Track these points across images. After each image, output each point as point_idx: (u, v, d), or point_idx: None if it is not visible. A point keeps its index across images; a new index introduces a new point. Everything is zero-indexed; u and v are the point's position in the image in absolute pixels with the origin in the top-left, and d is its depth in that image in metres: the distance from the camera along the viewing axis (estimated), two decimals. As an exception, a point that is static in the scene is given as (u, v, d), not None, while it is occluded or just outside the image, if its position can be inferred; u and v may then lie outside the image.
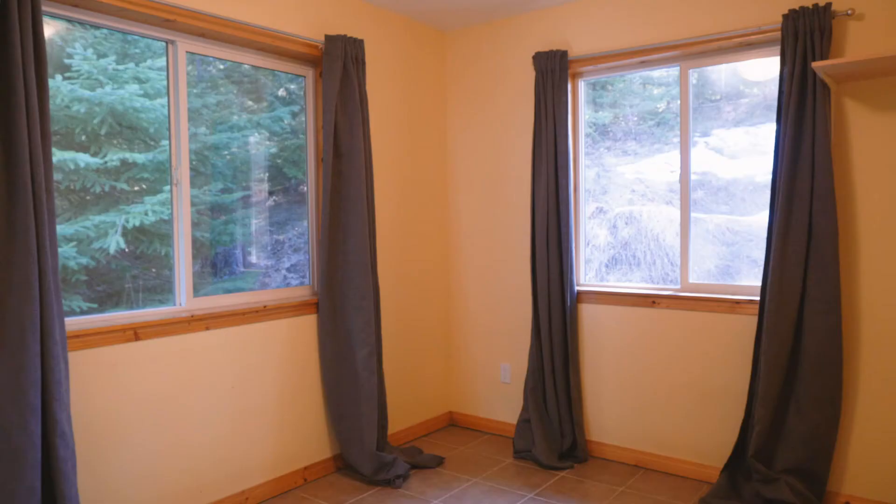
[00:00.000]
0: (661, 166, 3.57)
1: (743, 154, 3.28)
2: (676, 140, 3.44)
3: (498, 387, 4.08)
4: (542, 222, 3.62)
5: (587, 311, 3.68)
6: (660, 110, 3.57)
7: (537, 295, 3.65)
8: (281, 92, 3.55)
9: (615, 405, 3.60)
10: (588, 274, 3.78)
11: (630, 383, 3.54)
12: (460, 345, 4.25)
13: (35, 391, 2.16)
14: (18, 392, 2.13)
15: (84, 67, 2.78)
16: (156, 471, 2.71)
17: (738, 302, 3.17)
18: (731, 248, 3.34)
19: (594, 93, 3.77)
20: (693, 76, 3.38)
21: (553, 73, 3.58)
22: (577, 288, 3.70)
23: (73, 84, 2.75)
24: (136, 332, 2.65)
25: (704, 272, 3.38)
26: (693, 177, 3.39)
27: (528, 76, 3.85)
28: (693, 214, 3.40)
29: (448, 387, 4.31)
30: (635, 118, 3.65)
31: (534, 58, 3.64)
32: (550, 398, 3.65)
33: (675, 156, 3.46)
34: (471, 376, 4.21)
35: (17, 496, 2.11)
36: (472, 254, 4.17)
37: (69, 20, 2.59)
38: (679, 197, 3.43)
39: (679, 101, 3.41)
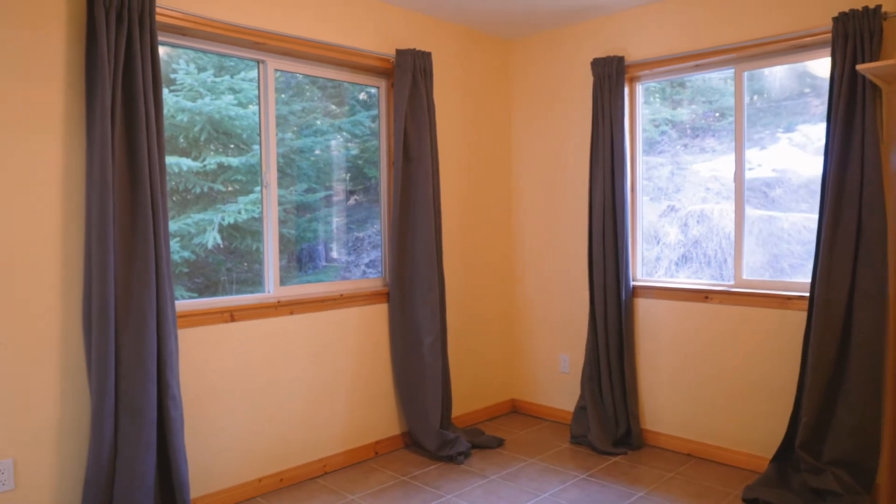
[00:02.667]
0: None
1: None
2: (757, 136, 3.46)
3: (557, 376, 4.30)
4: (599, 221, 3.80)
5: (642, 306, 3.84)
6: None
7: (594, 289, 3.85)
8: (362, 96, 3.88)
9: (669, 395, 3.75)
10: (658, 271, 3.92)
11: (683, 375, 3.68)
12: (522, 336, 4.50)
13: (152, 361, 2.59)
14: (140, 361, 2.56)
15: (187, 81, 3.20)
16: (247, 433, 3.12)
17: (789, 298, 3.26)
18: (806, 246, 3.35)
19: (671, 90, 3.88)
20: (764, 73, 3.47)
21: (610, 78, 3.76)
22: (632, 283, 3.87)
23: (177, 96, 3.17)
24: (232, 315, 3.06)
25: (778, 270, 3.40)
26: (771, 174, 3.42)
27: (587, 81, 4.05)
28: (768, 213, 3.46)
29: (510, 375, 4.56)
30: (716, 114, 3.68)
31: (592, 64, 3.83)
32: (606, 387, 3.83)
33: (754, 153, 3.47)
34: (532, 366, 4.44)
35: (139, 446, 2.55)
36: (532, 250, 4.40)
37: (177, 46, 3.03)
38: (743, 195, 3.49)
39: (745, 100, 3.52)
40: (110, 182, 2.48)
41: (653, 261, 3.96)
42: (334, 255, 3.84)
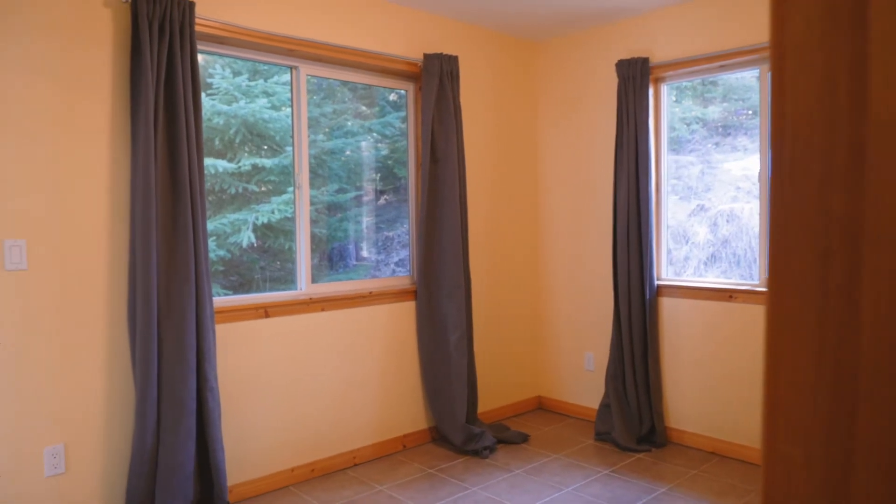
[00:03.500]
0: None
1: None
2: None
3: (582, 374, 4.36)
4: (624, 220, 3.85)
5: (667, 305, 3.87)
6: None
7: (618, 288, 3.90)
8: (392, 97, 3.99)
9: (693, 394, 3.78)
10: (687, 271, 3.95)
11: (707, 373, 3.71)
12: (547, 334, 4.56)
13: (192, 354, 2.73)
14: (180, 354, 2.71)
15: (222, 85, 3.34)
16: (280, 425, 3.25)
17: (813, 297, 3.26)
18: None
19: (702, 88, 3.89)
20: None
21: (634, 79, 3.80)
22: (656, 282, 3.90)
23: (213, 100, 3.31)
24: (266, 311, 3.20)
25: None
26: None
27: (612, 82, 4.09)
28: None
29: (536, 373, 4.63)
30: (749, 112, 3.67)
31: (617, 65, 3.88)
32: (630, 385, 3.88)
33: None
34: (557, 363, 4.51)
35: (180, 434, 2.69)
36: (558, 250, 4.46)
37: (215, 54, 3.17)
38: (769, 194, 3.51)
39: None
40: (153, 185, 2.62)
41: (681, 260, 3.98)
42: (364, 253, 3.94)
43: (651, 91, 3.86)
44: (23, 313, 2.49)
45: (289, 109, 3.45)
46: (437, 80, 3.71)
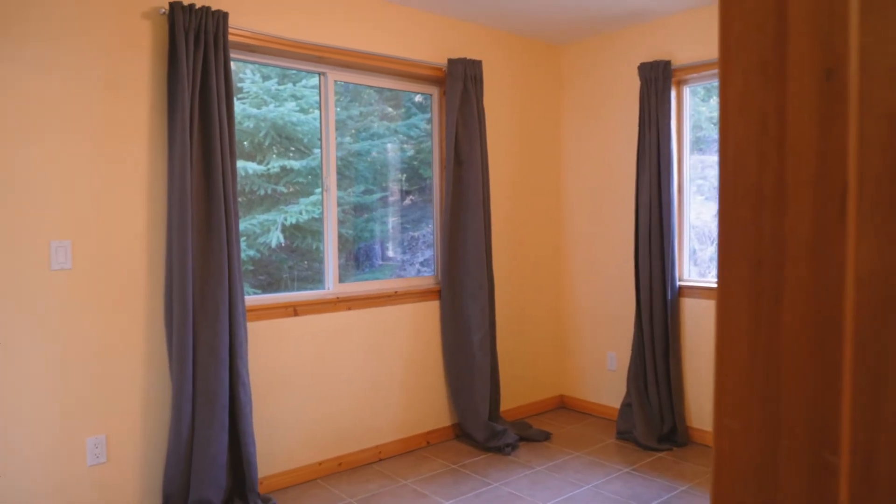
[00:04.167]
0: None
1: None
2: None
3: (605, 373, 4.40)
4: (646, 221, 3.89)
5: (688, 305, 3.90)
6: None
7: (640, 289, 3.93)
8: (417, 98, 4.07)
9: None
10: (712, 271, 3.97)
11: (729, 374, 3.72)
12: (570, 334, 4.61)
13: (225, 350, 2.85)
14: (214, 351, 2.83)
15: (252, 89, 3.45)
16: (308, 420, 3.36)
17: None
18: None
19: None
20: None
21: (657, 81, 3.84)
22: (678, 283, 3.93)
23: (243, 104, 3.42)
24: (295, 309, 3.31)
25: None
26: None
27: (634, 85, 4.13)
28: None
29: (559, 372, 4.69)
30: None
31: (639, 68, 3.91)
32: (651, 385, 3.92)
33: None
34: (580, 363, 4.55)
35: (214, 427, 2.81)
36: (580, 250, 4.51)
37: (247, 62, 3.29)
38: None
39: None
40: (189, 188, 2.75)
41: (707, 261, 4.00)
42: (390, 253, 4.04)
43: (673, 93, 3.89)
44: (68, 311, 2.64)
45: (316, 112, 3.55)
46: (460, 84, 3.79)
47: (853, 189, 0.36)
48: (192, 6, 2.76)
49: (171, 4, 2.73)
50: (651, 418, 3.91)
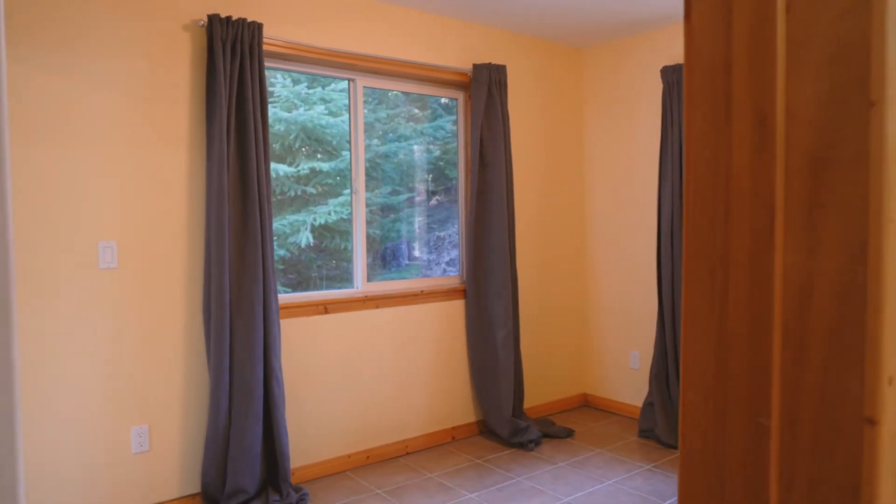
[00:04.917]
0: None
1: None
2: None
3: (627, 372, 4.46)
4: (668, 222, 3.94)
5: (711, 305, 3.93)
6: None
7: (662, 289, 3.99)
8: (443, 100, 4.17)
9: (737, 394, 3.83)
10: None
11: (751, 374, 3.76)
12: (593, 333, 4.68)
13: (259, 346, 2.99)
14: (249, 346, 2.97)
15: (283, 93, 3.59)
16: (338, 413, 3.50)
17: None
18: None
19: None
20: None
21: (679, 84, 3.89)
22: (701, 283, 3.97)
23: (274, 107, 3.56)
24: (325, 307, 3.44)
25: None
26: None
27: (657, 88, 4.18)
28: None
29: (583, 371, 4.76)
30: None
31: (661, 71, 3.97)
32: (673, 383, 3.97)
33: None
34: (603, 362, 4.62)
35: (249, 418, 2.96)
36: (603, 251, 4.57)
37: (280, 70, 3.43)
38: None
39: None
40: (226, 191, 2.89)
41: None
42: (416, 253, 4.15)
43: (696, 96, 3.93)
44: (114, 307, 2.80)
45: (344, 115, 3.68)
46: (485, 88, 3.88)
47: (780, 210, 0.45)
48: (229, 18, 2.91)
49: (209, 17, 2.88)
50: (673, 416, 3.96)
